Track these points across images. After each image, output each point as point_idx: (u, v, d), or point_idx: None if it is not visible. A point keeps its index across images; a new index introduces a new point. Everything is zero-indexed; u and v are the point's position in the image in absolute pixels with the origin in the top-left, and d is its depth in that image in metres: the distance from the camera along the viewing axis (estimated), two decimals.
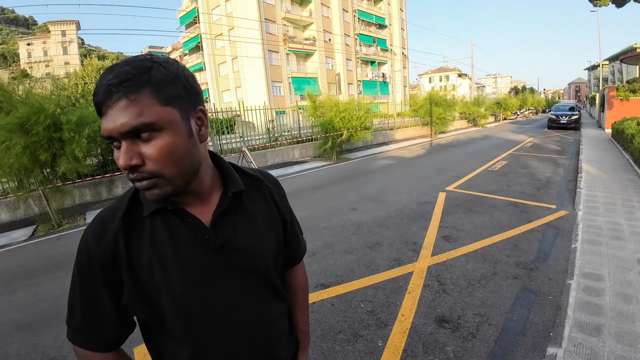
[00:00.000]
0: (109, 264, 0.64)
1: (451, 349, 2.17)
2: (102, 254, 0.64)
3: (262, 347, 0.75)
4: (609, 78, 42.48)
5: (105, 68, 0.62)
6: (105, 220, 0.66)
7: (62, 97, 5.42)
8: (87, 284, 0.65)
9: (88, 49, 68.04)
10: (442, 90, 20.29)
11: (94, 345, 0.68)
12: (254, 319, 0.73)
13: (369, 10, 36.95)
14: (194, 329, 0.67)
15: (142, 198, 0.68)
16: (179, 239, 0.66)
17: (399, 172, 8.30)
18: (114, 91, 0.55)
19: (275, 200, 0.82)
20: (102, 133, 0.58)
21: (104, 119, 0.56)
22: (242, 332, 0.71)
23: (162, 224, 0.66)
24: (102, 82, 0.56)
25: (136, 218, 0.67)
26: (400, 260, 3.46)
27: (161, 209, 0.66)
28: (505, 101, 31.28)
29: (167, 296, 0.65)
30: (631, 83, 16.64)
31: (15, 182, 5.42)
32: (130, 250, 0.65)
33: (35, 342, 2.50)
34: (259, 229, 0.75)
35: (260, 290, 0.75)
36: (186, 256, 0.66)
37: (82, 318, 0.66)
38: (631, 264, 3.04)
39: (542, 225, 4.27)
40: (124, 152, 0.57)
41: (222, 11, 29.06)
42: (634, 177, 6.28)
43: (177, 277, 0.65)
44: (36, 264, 4.01)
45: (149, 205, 0.66)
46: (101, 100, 0.56)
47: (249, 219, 0.74)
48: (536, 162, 8.75)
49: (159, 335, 0.70)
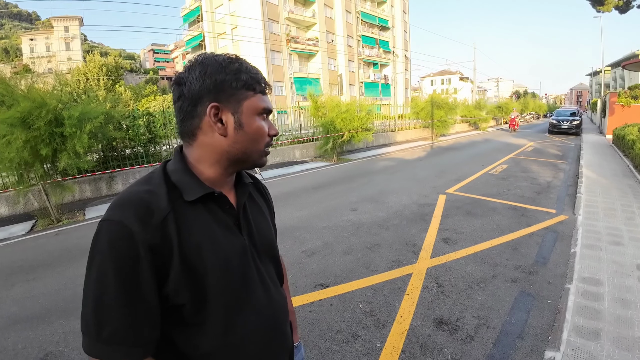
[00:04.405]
0: (159, 248, 0.61)
1: (449, 351, 2.17)
2: (153, 237, 0.61)
3: (280, 324, 0.82)
4: (611, 84, 42.52)
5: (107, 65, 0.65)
6: (146, 203, 0.63)
7: (64, 93, 5.42)
8: (130, 277, 0.59)
9: (91, 46, 68.02)
10: (443, 93, 20.31)
11: (135, 353, 0.61)
12: (276, 297, 0.80)
13: (372, 12, 36.97)
14: (230, 306, 0.70)
15: (178, 183, 0.69)
16: (220, 223, 0.71)
17: (400, 173, 8.30)
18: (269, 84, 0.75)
19: (269, 197, 0.95)
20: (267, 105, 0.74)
21: (265, 99, 0.74)
22: (268, 309, 0.77)
23: (204, 209, 0.70)
24: (261, 73, 0.74)
25: (180, 202, 0.67)
26: (399, 261, 3.45)
27: (204, 196, 0.69)
28: (506, 105, 31.30)
29: (214, 277, 0.67)
30: (633, 89, 16.67)
31: (16, 176, 5.41)
32: (181, 233, 0.65)
33: (33, 336, 2.49)
34: (266, 218, 0.87)
35: (273, 273, 0.85)
36: (229, 240, 0.72)
37: (121, 323, 0.59)
38: (630, 269, 3.03)
39: (541, 229, 4.27)
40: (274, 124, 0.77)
41: (226, 10, 29.08)
42: (634, 183, 6.28)
43: (223, 257, 0.69)
44: (35, 259, 4.00)
45: (193, 191, 0.68)
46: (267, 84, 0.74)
47: (258, 209, 0.85)
48: (537, 166, 8.74)
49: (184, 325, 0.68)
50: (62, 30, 51.50)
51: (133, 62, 63.76)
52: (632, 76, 30.81)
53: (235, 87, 0.68)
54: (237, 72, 0.69)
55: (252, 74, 0.71)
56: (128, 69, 54.97)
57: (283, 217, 4.92)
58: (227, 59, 0.69)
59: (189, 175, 0.70)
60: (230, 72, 0.68)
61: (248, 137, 0.71)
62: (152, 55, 70.43)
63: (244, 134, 0.71)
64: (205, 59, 0.69)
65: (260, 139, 0.73)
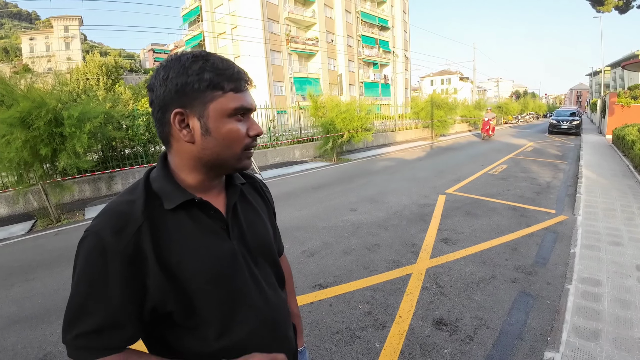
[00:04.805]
0: (133, 258, 0.62)
1: (449, 352, 2.17)
2: (125, 249, 0.61)
3: (280, 328, 0.80)
4: (611, 84, 42.54)
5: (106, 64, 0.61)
6: (122, 215, 0.63)
7: (63, 92, 5.42)
8: (100, 287, 0.61)
9: (90, 45, 68.00)
10: (443, 93, 20.34)
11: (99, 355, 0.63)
12: (274, 300, 0.78)
13: (372, 12, 36.95)
14: (223, 311, 0.69)
15: (159, 191, 0.67)
16: (205, 229, 0.69)
17: (399, 173, 8.30)
18: (247, 78, 0.70)
19: (267, 195, 0.91)
20: (241, 104, 0.67)
21: (238, 97, 0.67)
22: (264, 313, 0.75)
23: (186, 216, 0.68)
24: (233, 67, 0.67)
25: (158, 210, 0.66)
26: (399, 261, 3.45)
27: (185, 202, 0.67)
28: (506, 105, 31.30)
29: (199, 284, 0.66)
30: (632, 89, 16.67)
31: (15, 176, 5.41)
32: (158, 243, 0.63)
33: (32, 336, 2.49)
34: (263, 220, 0.83)
35: (271, 275, 0.82)
36: (214, 246, 0.69)
37: (87, 328, 0.61)
38: (630, 270, 3.03)
39: (541, 229, 4.27)
40: (256, 123, 0.72)
41: (225, 10, 29.07)
42: (633, 184, 6.28)
43: (209, 265, 0.67)
44: (34, 259, 4.00)
45: (172, 198, 0.66)
46: (243, 79, 0.68)
47: (253, 210, 0.82)
48: (536, 166, 8.75)
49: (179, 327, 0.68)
50: (62, 30, 51.47)
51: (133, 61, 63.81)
52: (632, 76, 30.82)
53: (199, 88, 0.63)
54: (200, 72, 0.63)
55: (219, 71, 0.64)
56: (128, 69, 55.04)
57: (282, 217, 4.92)
58: (191, 58, 0.64)
59: (170, 182, 0.68)
60: (192, 73, 0.63)
61: (218, 142, 0.66)
62: (152, 55, 70.42)
63: (212, 139, 0.66)
64: (168, 62, 0.65)
65: (234, 143, 0.67)
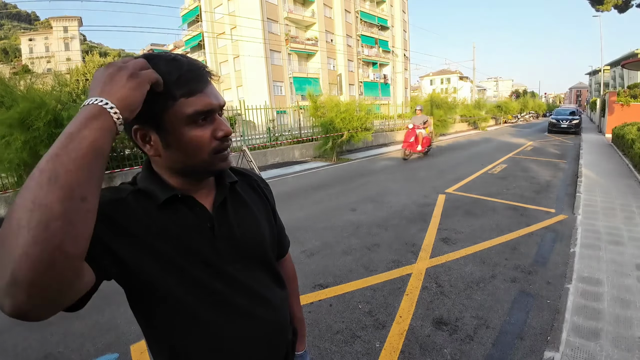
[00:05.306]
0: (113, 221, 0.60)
1: (448, 352, 2.17)
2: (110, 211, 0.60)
3: (277, 331, 0.78)
4: (610, 83, 42.50)
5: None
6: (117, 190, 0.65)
7: (63, 93, 5.42)
8: None
9: (90, 46, 67.97)
10: (443, 92, 20.33)
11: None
12: (266, 303, 0.76)
13: (371, 12, 36.95)
14: (206, 312, 0.67)
15: (145, 189, 0.67)
16: (187, 226, 0.67)
17: (399, 173, 8.30)
18: (203, 75, 0.62)
19: (265, 193, 0.88)
20: (196, 109, 0.60)
21: (209, 94, 0.62)
22: (250, 316, 0.72)
23: (171, 212, 0.66)
24: (180, 68, 0.59)
25: (145, 205, 0.65)
26: (398, 261, 3.45)
27: (171, 198, 0.66)
28: (506, 104, 31.30)
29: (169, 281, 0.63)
30: (632, 88, 16.66)
31: (15, 177, 5.41)
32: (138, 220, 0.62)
33: (32, 337, 2.49)
34: (256, 218, 0.79)
35: (264, 277, 0.78)
36: (196, 243, 0.67)
37: None
38: (629, 269, 3.04)
39: (541, 228, 4.27)
40: (223, 122, 0.66)
41: (225, 10, 29.07)
42: (633, 183, 6.28)
43: (188, 262, 0.65)
44: None
45: (158, 195, 0.65)
46: (196, 79, 0.60)
47: (246, 208, 0.78)
48: (536, 165, 8.75)
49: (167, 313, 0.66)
50: (61, 31, 51.47)
51: None
52: (632, 75, 30.79)
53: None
54: None
55: (164, 76, 0.57)
56: None
57: (282, 217, 4.85)
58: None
59: (155, 182, 0.67)
60: None
61: (181, 152, 0.63)
62: None
63: (174, 151, 0.63)
64: None
65: (198, 150, 0.63)
